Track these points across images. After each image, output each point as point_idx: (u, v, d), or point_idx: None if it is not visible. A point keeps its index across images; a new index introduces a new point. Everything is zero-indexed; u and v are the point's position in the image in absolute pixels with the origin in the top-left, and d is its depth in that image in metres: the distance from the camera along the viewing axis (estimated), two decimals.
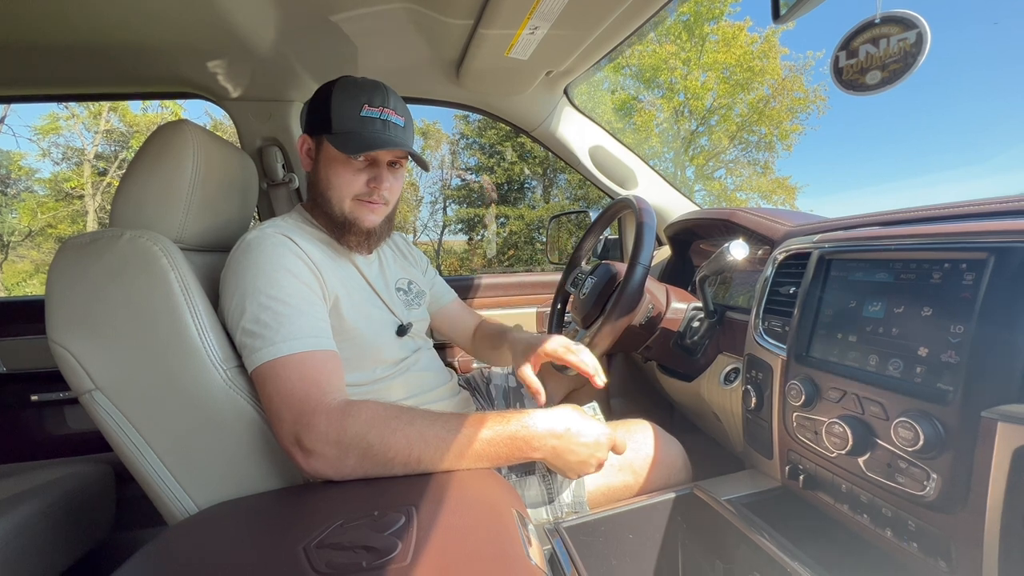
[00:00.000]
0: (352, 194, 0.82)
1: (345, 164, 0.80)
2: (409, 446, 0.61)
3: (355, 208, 0.82)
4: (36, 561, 0.92)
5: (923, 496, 0.50)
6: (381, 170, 0.82)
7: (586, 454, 0.68)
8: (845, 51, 0.57)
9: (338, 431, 0.60)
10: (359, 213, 0.82)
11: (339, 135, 0.78)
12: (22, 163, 13.39)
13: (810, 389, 0.63)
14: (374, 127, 0.79)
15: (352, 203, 0.82)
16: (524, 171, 15.38)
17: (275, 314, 0.66)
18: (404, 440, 0.61)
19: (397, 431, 0.61)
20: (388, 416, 0.63)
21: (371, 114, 0.79)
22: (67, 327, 0.63)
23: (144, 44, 1.00)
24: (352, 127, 0.78)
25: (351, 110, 0.78)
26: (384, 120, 0.80)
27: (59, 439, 1.30)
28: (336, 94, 0.80)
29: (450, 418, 0.65)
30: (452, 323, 1.16)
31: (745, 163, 16.16)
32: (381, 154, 0.81)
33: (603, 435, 0.69)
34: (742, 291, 1.02)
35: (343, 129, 0.78)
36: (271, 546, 0.49)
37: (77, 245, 0.66)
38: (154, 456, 0.65)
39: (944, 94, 29.14)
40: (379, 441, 0.61)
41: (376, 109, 0.79)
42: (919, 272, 0.55)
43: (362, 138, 0.78)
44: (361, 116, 0.78)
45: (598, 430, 0.69)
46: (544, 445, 0.66)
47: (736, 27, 14.29)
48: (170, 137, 0.74)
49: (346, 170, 0.80)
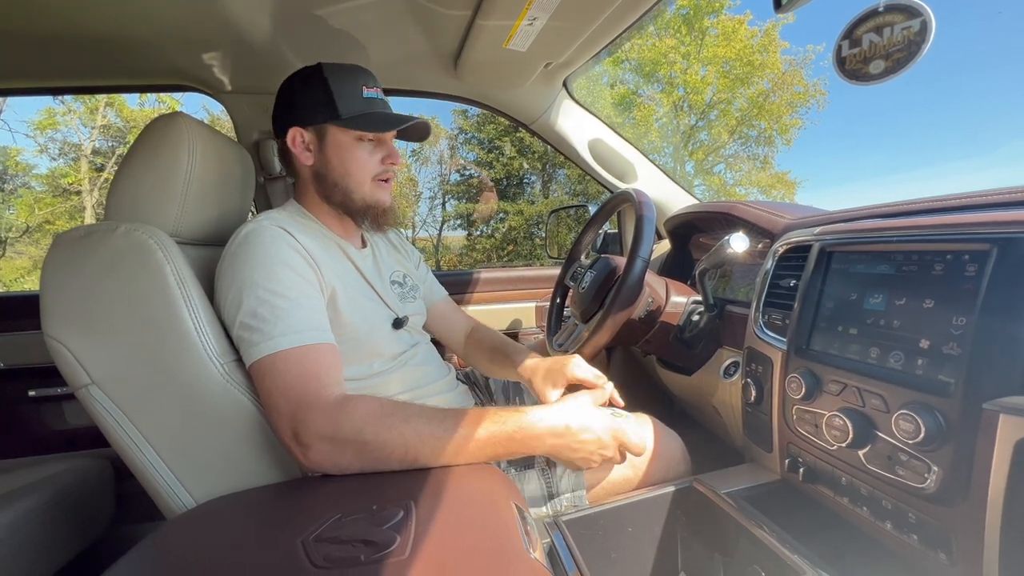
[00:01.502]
0: (372, 175, 0.83)
1: (359, 147, 0.81)
2: (405, 444, 0.61)
3: (375, 190, 0.84)
4: (35, 556, 0.92)
5: (923, 488, 0.50)
6: (391, 145, 0.85)
7: (588, 451, 0.67)
8: (848, 40, 0.56)
9: (334, 427, 0.60)
10: (379, 194, 0.84)
11: (352, 119, 0.79)
12: (19, 159, 13.33)
13: (810, 382, 0.63)
14: (381, 106, 0.82)
15: (372, 185, 0.83)
16: (523, 166, 15.34)
17: (272, 307, 0.66)
18: (400, 438, 0.61)
19: (393, 428, 0.61)
20: (384, 413, 0.62)
21: (372, 95, 0.81)
22: (62, 321, 0.62)
23: (139, 36, 0.98)
24: (362, 108, 0.80)
25: (354, 92, 0.80)
26: (382, 99, 0.83)
27: (57, 434, 1.30)
28: (332, 81, 0.79)
29: (447, 416, 0.64)
30: (442, 322, 1.12)
31: (745, 158, 16.14)
32: (389, 134, 0.85)
33: (607, 431, 0.68)
34: (742, 284, 1.01)
35: (353, 112, 0.79)
36: (269, 540, 0.49)
37: (72, 239, 0.65)
38: (151, 450, 0.65)
39: (945, 86, 29.06)
40: (375, 438, 0.60)
41: (373, 90, 0.82)
42: (921, 264, 0.55)
43: (380, 116, 0.81)
44: (365, 97, 0.80)
45: (601, 426, 0.68)
46: (543, 444, 0.66)
47: (736, 21, 14.22)
48: (165, 129, 0.73)
49: (361, 152, 0.81)
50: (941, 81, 28.27)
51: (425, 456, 0.61)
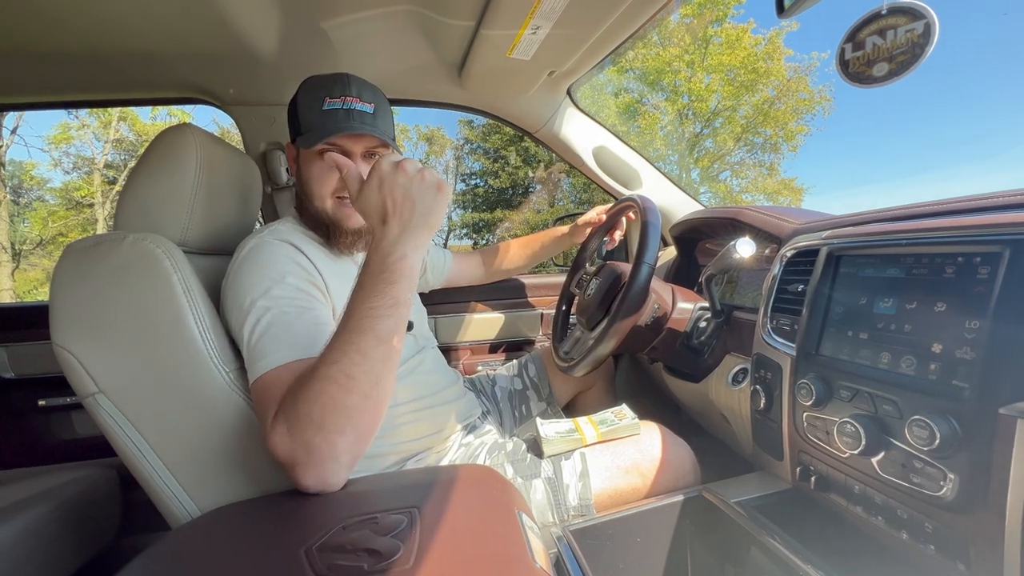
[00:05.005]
0: (330, 192, 0.80)
1: (317, 162, 0.78)
2: (338, 385, 0.54)
3: (337, 208, 0.80)
4: (41, 567, 0.92)
5: (940, 497, 0.48)
6: (353, 162, 0.78)
7: (424, 204, 0.59)
8: (851, 43, 0.56)
9: (289, 424, 0.55)
10: (341, 213, 0.80)
11: (305, 134, 0.78)
12: (34, 173, 13.62)
13: (821, 388, 0.62)
14: (336, 118, 0.77)
15: (333, 202, 0.80)
16: (529, 175, 15.40)
17: (270, 324, 0.64)
18: (328, 386, 0.54)
19: (314, 378, 0.55)
20: (302, 382, 0.56)
21: (332, 106, 0.77)
22: (70, 330, 0.63)
23: (149, 49, 1.00)
24: (315, 122, 0.77)
25: (313, 106, 0.77)
26: (347, 109, 0.77)
27: (66, 444, 1.31)
28: (300, 95, 0.80)
29: (337, 338, 0.57)
30: (462, 272, 1.31)
31: (750, 164, 16.13)
32: (349, 145, 0.78)
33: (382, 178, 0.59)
34: (749, 290, 1.00)
35: (307, 127, 0.78)
36: (273, 549, 0.49)
37: (81, 248, 0.66)
38: (156, 459, 0.65)
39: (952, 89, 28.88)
40: (315, 404, 0.54)
41: (337, 100, 0.77)
42: (932, 267, 0.54)
43: (324, 129, 0.76)
44: (323, 110, 0.77)
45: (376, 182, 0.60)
46: (403, 262, 0.58)
47: (740, 29, 14.28)
48: (173, 140, 0.74)
49: (318, 168, 0.79)
50: (946, 83, 28.12)
51: (359, 376, 0.55)
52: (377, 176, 0.60)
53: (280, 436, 0.55)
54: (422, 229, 0.60)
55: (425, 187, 0.60)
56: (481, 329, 1.51)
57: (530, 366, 1.24)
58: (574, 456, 0.84)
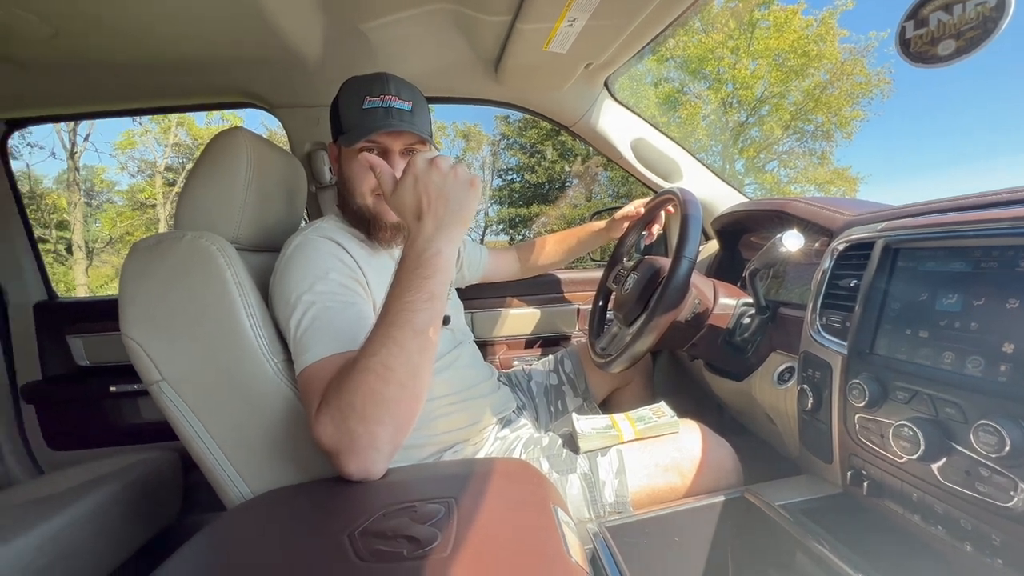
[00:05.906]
0: (370, 189, 0.83)
1: (357, 160, 0.81)
2: (377, 376, 0.56)
3: (377, 203, 0.83)
4: (112, 540, 1.00)
5: (1010, 508, 0.45)
6: (392, 158, 0.81)
7: (457, 201, 0.61)
8: (913, 20, 0.52)
9: (332, 414, 0.57)
10: (381, 208, 0.83)
11: (346, 133, 0.81)
12: (104, 176, 14.71)
13: (874, 389, 0.58)
14: (375, 116, 0.79)
15: (373, 198, 0.83)
16: (565, 169, 15.26)
17: (314, 318, 0.67)
18: (368, 377, 0.56)
19: (355, 377, 0.57)
20: (344, 373, 0.58)
21: (372, 105, 0.79)
22: (137, 322, 0.68)
23: (203, 57, 1.06)
24: (355, 121, 0.80)
25: (353, 106, 0.80)
26: (387, 108, 0.79)
27: (134, 427, 1.41)
28: (341, 96, 0.83)
29: (376, 332, 0.59)
30: (498, 268, 1.31)
31: (800, 153, 15.36)
32: (388, 142, 0.81)
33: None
34: (796, 285, 0.96)
35: (348, 126, 0.81)
36: (319, 532, 0.51)
37: (145, 247, 0.71)
38: (213, 444, 0.69)
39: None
40: (356, 394, 0.56)
41: (377, 99, 0.79)
42: (1003, 260, 0.50)
43: (364, 128, 0.79)
44: (363, 109, 0.79)
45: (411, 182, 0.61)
46: (438, 257, 0.60)
47: (789, 11, 13.58)
48: (225, 143, 0.78)
49: (359, 165, 0.81)
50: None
51: (397, 367, 0.56)
52: (412, 174, 0.61)
53: (324, 425, 0.58)
54: (455, 224, 0.62)
55: (458, 183, 0.62)
56: (517, 324, 1.51)
57: (566, 361, 1.24)
58: (611, 453, 0.84)
